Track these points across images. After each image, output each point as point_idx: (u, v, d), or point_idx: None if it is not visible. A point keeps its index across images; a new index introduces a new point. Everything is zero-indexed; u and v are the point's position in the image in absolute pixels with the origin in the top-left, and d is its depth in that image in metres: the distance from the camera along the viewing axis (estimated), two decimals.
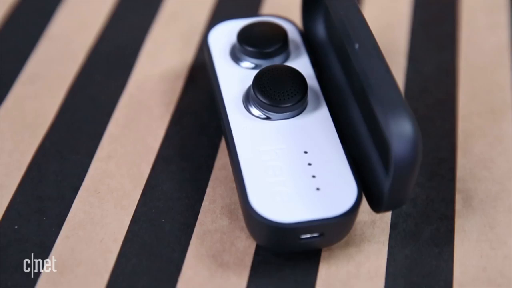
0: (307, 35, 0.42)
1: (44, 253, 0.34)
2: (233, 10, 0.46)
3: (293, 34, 0.41)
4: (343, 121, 0.37)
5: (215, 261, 0.34)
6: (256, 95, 0.36)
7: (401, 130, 0.31)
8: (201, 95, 0.41)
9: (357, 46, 0.34)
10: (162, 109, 0.40)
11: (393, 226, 0.36)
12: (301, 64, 0.39)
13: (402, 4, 0.47)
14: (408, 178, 0.32)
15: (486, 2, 0.47)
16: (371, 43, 0.34)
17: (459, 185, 0.38)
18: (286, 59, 0.39)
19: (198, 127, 0.40)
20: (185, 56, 0.43)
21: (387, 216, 0.36)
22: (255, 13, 0.45)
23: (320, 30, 0.41)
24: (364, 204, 0.34)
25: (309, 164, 0.35)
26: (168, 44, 0.44)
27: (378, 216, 0.36)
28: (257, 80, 0.37)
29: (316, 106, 0.37)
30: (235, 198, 0.37)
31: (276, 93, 0.36)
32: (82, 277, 0.34)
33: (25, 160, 0.38)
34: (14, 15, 0.45)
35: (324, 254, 0.35)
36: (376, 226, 0.36)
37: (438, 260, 0.35)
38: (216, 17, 0.45)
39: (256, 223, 0.33)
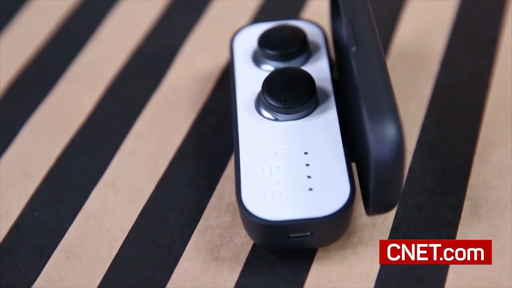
0: (334, 38, 0.42)
1: (56, 239, 0.37)
2: (275, 14, 0.47)
3: (316, 38, 0.41)
4: (353, 124, 0.37)
5: (212, 255, 0.36)
6: (264, 96, 0.37)
7: (382, 134, 0.31)
8: (227, 96, 0.42)
9: (354, 49, 0.34)
10: (189, 109, 0.42)
11: (394, 230, 0.36)
12: (319, 67, 0.40)
13: (446, 7, 0.46)
14: (390, 182, 0.32)
15: None
16: (370, 46, 0.34)
17: (469, 192, 0.37)
18: (305, 61, 0.40)
19: (219, 127, 0.41)
20: (220, 59, 0.45)
21: (389, 220, 0.36)
22: (291, 17, 0.46)
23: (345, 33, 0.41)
24: None
25: (307, 164, 0.35)
26: (206, 46, 0.46)
27: (380, 219, 0.36)
28: (266, 82, 0.38)
29: (326, 109, 0.38)
30: None
31: (284, 95, 0.37)
32: (85, 262, 0.36)
33: (55, 153, 0.41)
34: (71, 17, 0.48)
35: (318, 254, 0.35)
36: (377, 229, 0.36)
37: (433, 267, 0.34)
38: (257, 21, 0.46)
39: (246, 219, 0.34)
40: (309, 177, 0.35)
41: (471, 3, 0.47)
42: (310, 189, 0.34)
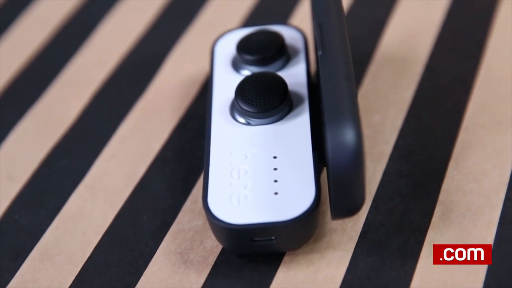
0: (315, 43, 0.42)
1: (33, 242, 0.38)
2: (265, 20, 0.47)
3: (296, 42, 0.41)
4: (323, 128, 0.37)
5: (181, 258, 0.36)
6: (237, 101, 0.37)
7: (339, 139, 0.31)
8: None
9: (320, 53, 0.34)
10: (172, 114, 0.43)
11: (363, 234, 0.36)
12: (296, 71, 0.40)
13: (435, 11, 0.46)
14: (348, 187, 0.32)
15: None
16: (337, 50, 0.34)
17: (442, 197, 0.37)
18: (283, 66, 0.40)
19: (200, 131, 0.41)
20: (206, 64, 0.45)
21: (358, 224, 0.36)
22: (282, 22, 0.46)
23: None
24: None
25: (275, 169, 0.36)
26: (194, 52, 0.46)
27: (349, 224, 0.36)
28: (240, 87, 0.38)
29: (299, 113, 0.38)
30: None
31: (256, 100, 0.37)
32: (58, 265, 0.37)
33: (39, 157, 0.41)
34: (66, 24, 0.49)
35: (286, 258, 0.36)
36: (346, 234, 0.36)
37: (398, 271, 0.34)
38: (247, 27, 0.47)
39: (211, 223, 0.35)
40: (275, 181, 0.35)
41: (461, 6, 0.46)
42: (276, 193, 0.35)
